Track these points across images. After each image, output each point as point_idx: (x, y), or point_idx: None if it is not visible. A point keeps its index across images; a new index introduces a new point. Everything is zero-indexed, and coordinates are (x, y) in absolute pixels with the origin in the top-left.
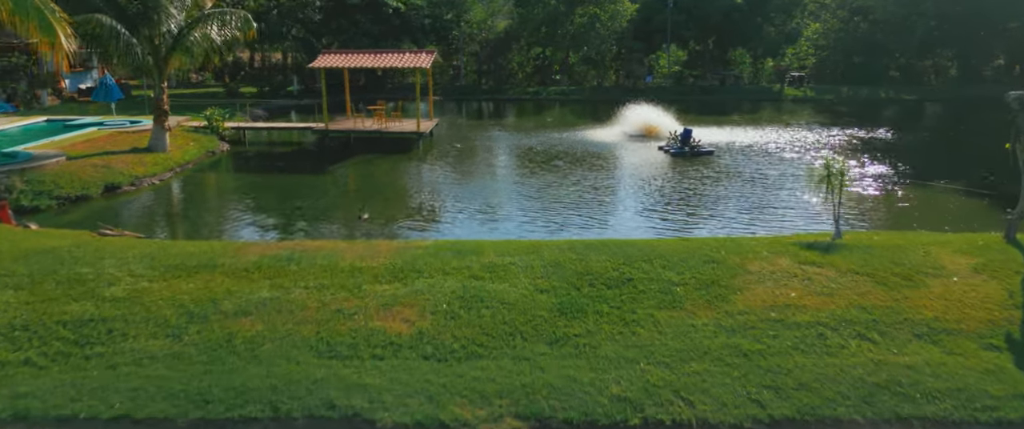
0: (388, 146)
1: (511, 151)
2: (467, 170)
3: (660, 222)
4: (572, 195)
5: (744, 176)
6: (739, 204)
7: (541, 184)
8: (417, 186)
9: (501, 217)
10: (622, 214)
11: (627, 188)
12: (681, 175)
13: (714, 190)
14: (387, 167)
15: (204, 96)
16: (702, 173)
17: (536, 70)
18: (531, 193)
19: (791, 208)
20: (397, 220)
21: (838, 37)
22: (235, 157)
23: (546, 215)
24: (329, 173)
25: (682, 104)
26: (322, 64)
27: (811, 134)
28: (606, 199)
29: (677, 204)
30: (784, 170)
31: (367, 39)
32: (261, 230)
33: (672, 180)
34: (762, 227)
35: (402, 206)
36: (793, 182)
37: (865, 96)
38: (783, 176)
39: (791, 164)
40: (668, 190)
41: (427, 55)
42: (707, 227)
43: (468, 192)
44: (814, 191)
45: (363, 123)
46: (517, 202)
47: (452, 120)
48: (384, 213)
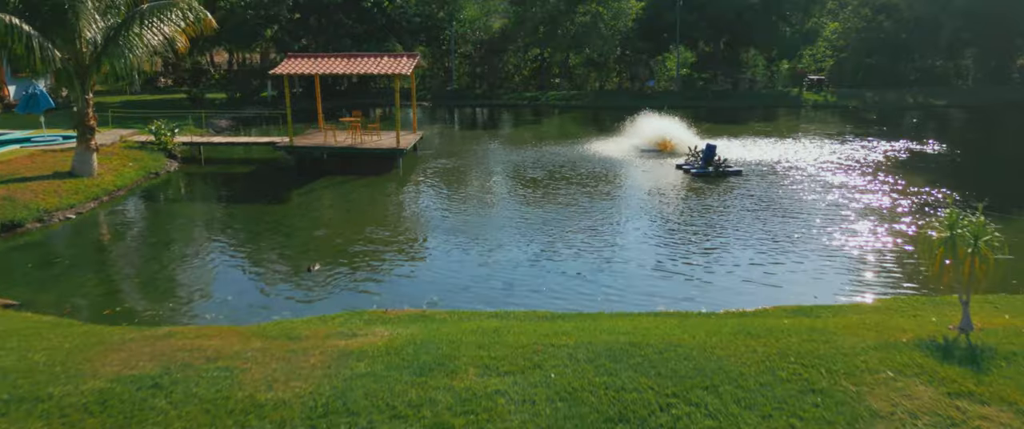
0: (364, 165)
1: (507, 171)
2: (453, 197)
3: (694, 275)
4: (579, 230)
5: (786, 206)
6: (792, 249)
7: (541, 216)
8: (390, 220)
9: (491, 264)
10: (643, 258)
11: (645, 220)
12: (708, 203)
13: (754, 226)
14: (359, 193)
15: (164, 105)
16: (733, 200)
17: (534, 73)
18: (529, 229)
19: (862, 258)
20: (358, 269)
21: (860, 37)
22: (182, 180)
23: (548, 261)
24: (287, 201)
25: (692, 110)
26: (285, 71)
27: (848, 148)
28: (620, 237)
29: (712, 247)
30: (835, 199)
31: (349, 39)
32: (174, 296)
33: (698, 210)
34: (832, 286)
35: (368, 249)
36: (852, 217)
37: (892, 101)
38: (837, 208)
39: (842, 191)
40: (697, 224)
41: (408, 59)
42: (759, 286)
43: (452, 228)
44: (926, 258)
45: (335, 137)
46: (512, 242)
47: (441, 130)
48: (343, 259)
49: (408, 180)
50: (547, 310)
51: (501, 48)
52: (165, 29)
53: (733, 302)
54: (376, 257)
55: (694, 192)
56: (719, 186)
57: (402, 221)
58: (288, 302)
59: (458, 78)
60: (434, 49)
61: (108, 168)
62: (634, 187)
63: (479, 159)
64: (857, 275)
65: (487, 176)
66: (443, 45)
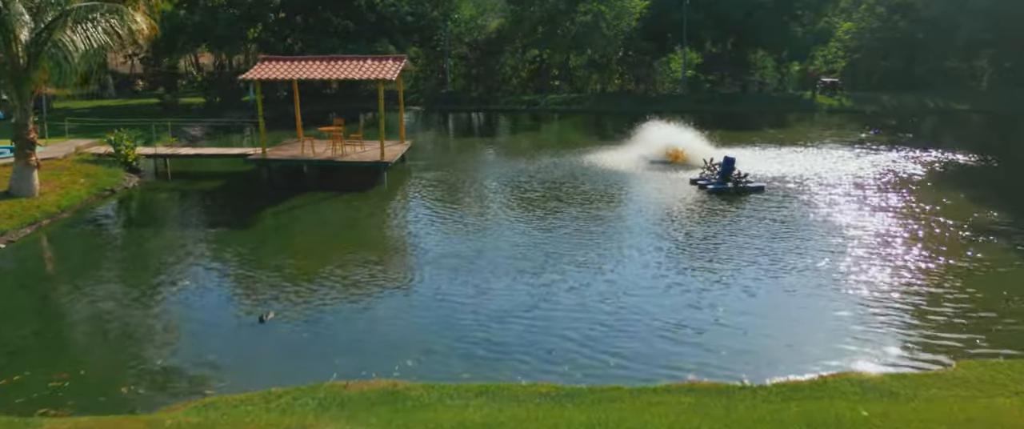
0: (345, 180)
1: (502, 187)
2: (441, 220)
3: (725, 327)
4: (583, 265)
5: (822, 235)
6: (836, 291)
7: (540, 247)
8: (368, 248)
9: (482, 312)
10: (660, 302)
11: (660, 253)
12: (731, 229)
13: (787, 259)
14: (337, 213)
15: (138, 111)
16: (759, 226)
17: (533, 75)
18: (526, 263)
19: (923, 305)
20: (323, 314)
21: (874, 37)
22: (140, 198)
23: (549, 308)
24: (255, 224)
25: (699, 115)
26: (257, 76)
27: (875, 158)
28: (632, 275)
29: (744, 289)
30: (877, 225)
31: (337, 39)
32: (86, 360)
33: (721, 238)
34: (893, 341)
35: (338, 288)
36: (900, 248)
37: (910, 105)
38: (881, 236)
39: (882, 214)
40: (722, 259)
41: (394, 63)
42: (806, 341)
43: (437, 261)
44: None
45: (314, 149)
46: (507, 282)
47: (433, 138)
48: (309, 300)
49: (393, 196)
50: (550, 384)
51: (498, 49)
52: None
53: (778, 364)
54: (347, 297)
55: (713, 214)
56: (740, 206)
57: (381, 251)
58: (229, 369)
59: (453, 80)
60: (428, 50)
61: (54, 186)
62: (645, 208)
63: (472, 172)
64: (922, 328)
65: (480, 193)
66: (437, 46)
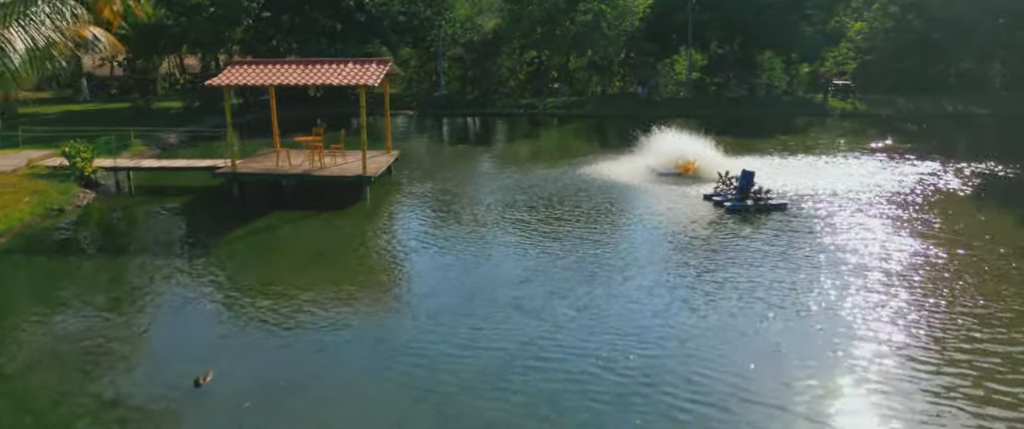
0: (324, 196)
1: (498, 205)
2: (428, 247)
3: (760, 399)
4: (587, 307)
5: (861, 267)
6: (888, 343)
7: (538, 280)
8: (338, 281)
9: (465, 378)
10: (682, 357)
11: (678, 290)
12: (756, 258)
13: (826, 298)
14: (310, 237)
15: (111, 116)
16: (787, 251)
17: (531, 77)
18: (522, 301)
19: (994, 368)
20: (271, 375)
21: (888, 37)
22: (92, 219)
23: (548, 371)
24: (217, 250)
25: (704, 119)
26: (224, 82)
27: (907, 169)
28: (643, 319)
29: (779, 339)
30: (922, 254)
31: (324, 39)
32: None
33: (745, 268)
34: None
35: (296, 337)
36: (955, 287)
37: (929, 110)
38: (929, 270)
39: (926, 241)
40: (748, 299)
41: (377, 66)
42: (863, 412)
43: (417, 302)
44: None
45: (290, 161)
46: (499, 328)
47: (425, 145)
48: (261, 354)
49: (377, 215)
50: None
51: (494, 50)
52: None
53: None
54: (304, 355)
55: (734, 238)
56: (763, 227)
57: (353, 289)
58: None
59: (447, 83)
60: (421, 51)
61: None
62: (656, 230)
63: (465, 186)
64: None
65: (474, 213)
66: (431, 46)
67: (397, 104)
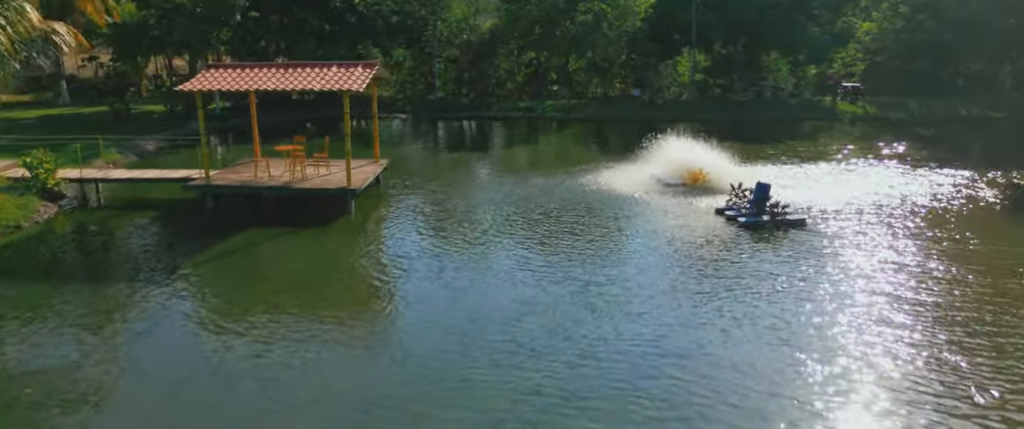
0: (305, 210)
1: (494, 221)
2: (415, 271)
3: None
4: (597, 356)
5: (895, 297)
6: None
7: (541, 320)
8: (312, 313)
9: None
10: (708, 414)
11: (692, 332)
12: (780, 282)
13: (863, 334)
14: (285, 258)
15: (90, 121)
16: (812, 275)
17: (529, 79)
18: (518, 340)
19: None
20: None
21: (898, 38)
22: (50, 237)
23: None
24: (183, 274)
25: (707, 123)
26: (197, 87)
27: (933, 179)
28: (655, 365)
29: (809, 391)
30: (962, 283)
31: (314, 41)
32: None
33: (766, 296)
34: None
35: (258, 387)
36: (1006, 321)
37: (941, 113)
38: (973, 304)
39: (963, 266)
40: (775, 342)
41: (363, 70)
42: None
43: (401, 343)
44: None
45: (269, 171)
46: (491, 377)
47: (419, 152)
48: (215, 407)
49: (362, 232)
50: None
51: (491, 51)
52: None
53: None
54: (265, 404)
55: (752, 261)
56: (782, 248)
57: (331, 321)
58: None
59: (442, 85)
60: (416, 52)
61: None
62: (666, 251)
63: (459, 198)
64: None
65: (467, 229)
66: (425, 47)
67: (391, 107)
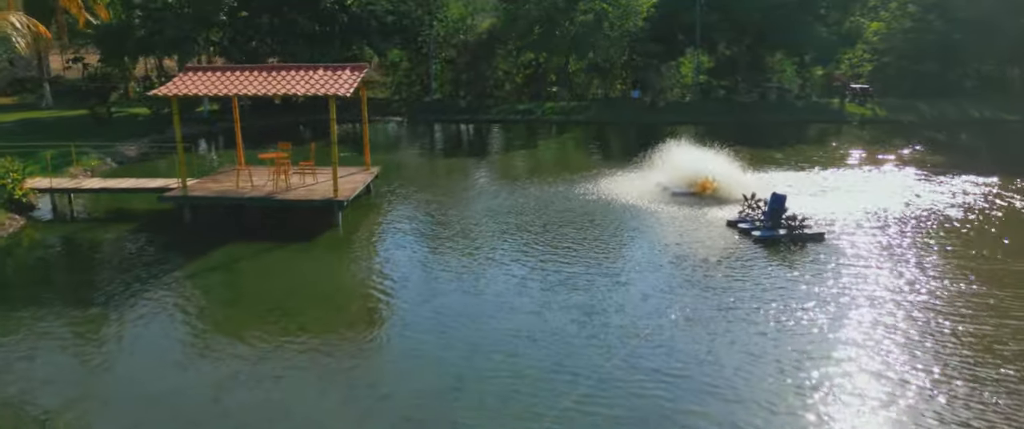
0: (290, 223)
1: (491, 235)
2: (406, 292)
3: None
4: (603, 397)
5: (942, 319)
6: None
7: (541, 351)
8: (296, 342)
9: None
10: None
11: (710, 362)
12: (802, 307)
13: (902, 368)
14: (270, 276)
15: (71, 125)
16: (843, 299)
17: (528, 81)
18: (519, 393)
19: None
20: None
21: (906, 38)
22: (15, 251)
23: None
24: (153, 295)
25: (710, 126)
26: (172, 91)
27: (953, 188)
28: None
29: None
30: (1003, 313)
31: (302, 41)
32: None
33: (789, 328)
34: None
35: None
36: None
37: (953, 116)
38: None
39: (1004, 286)
40: (799, 366)
41: (351, 74)
42: None
43: (387, 385)
44: None
45: (252, 181)
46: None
47: (414, 157)
48: None
49: (348, 248)
50: None
51: (489, 52)
52: None
53: None
54: None
55: (769, 279)
56: (801, 265)
57: (311, 352)
58: None
59: (439, 87)
60: (411, 53)
61: None
62: (676, 270)
63: (454, 209)
64: None
65: (462, 245)
66: (422, 48)
67: (386, 110)
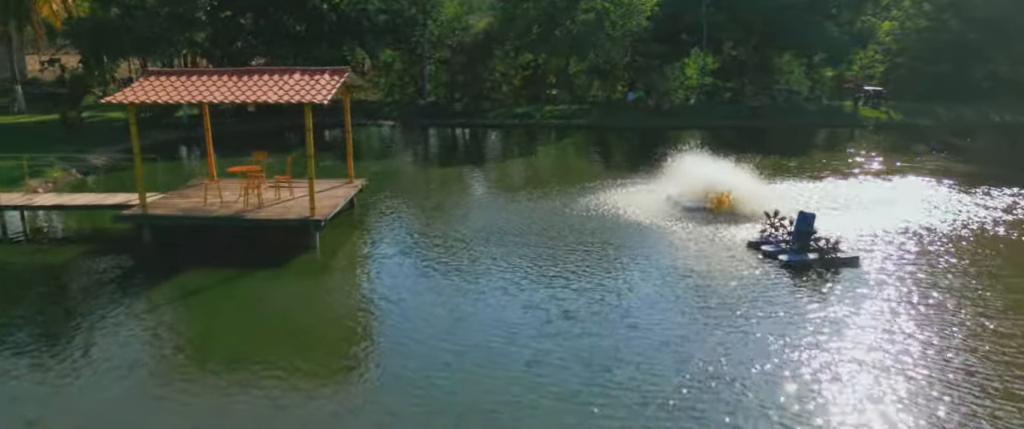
0: (262, 245)
1: (485, 258)
2: (389, 330)
3: None
4: None
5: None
6: None
7: (541, 413)
8: (260, 398)
9: None
10: None
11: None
12: (844, 350)
13: None
14: (236, 309)
15: (38, 132)
16: (889, 339)
17: (526, 83)
18: None
19: None
20: None
21: (921, 38)
22: None
23: None
24: (99, 335)
25: (716, 131)
26: (129, 98)
27: (992, 197)
28: None
29: None
30: None
31: (288, 42)
32: None
33: (841, 381)
34: None
35: None
36: None
37: (971, 119)
38: None
39: None
40: None
41: (330, 78)
42: None
43: None
44: None
45: (221, 196)
46: None
47: (405, 165)
48: None
49: (325, 274)
50: None
51: (486, 53)
52: None
53: None
54: None
55: (803, 316)
56: (838, 295)
57: (275, 401)
58: None
59: (434, 89)
60: (405, 54)
61: None
62: (694, 304)
63: (445, 226)
64: None
65: (453, 273)
66: (415, 49)
67: (378, 114)
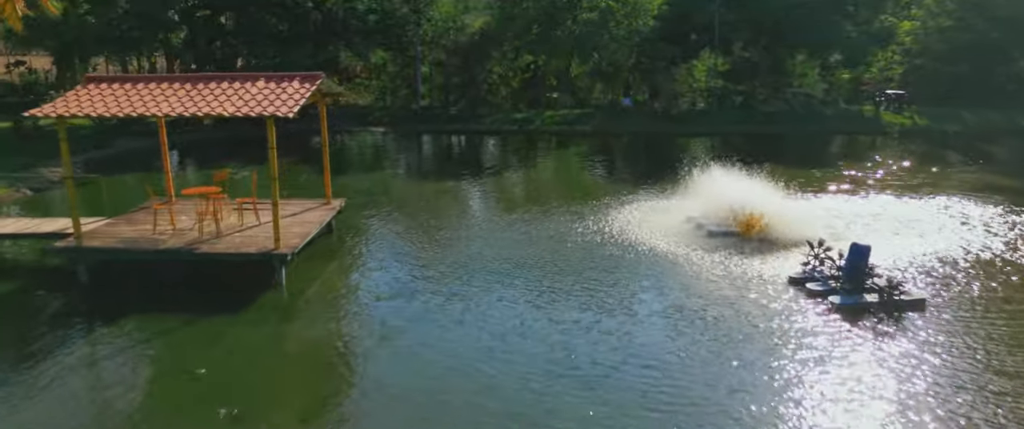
0: (223, 278)
1: (479, 296)
2: (356, 403)
3: None
4: None
5: None
6: None
7: None
8: None
9: None
10: None
11: None
12: None
13: None
14: (178, 372)
15: None
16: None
17: (525, 85)
18: None
19: None
20: None
21: (943, 38)
22: None
23: None
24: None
25: (727, 136)
26: (59, 111)
27: None
28: None
29: None
30: None
31: (270, 43)
32: None
33: None
34: None
35: None
36: None
37: (1000, 125)
38: None
39: None
40: None
41: (300, 85)
42: None
43: None
44: None
45: (173, 223)
46: None
47: (394, 177)
48: None
49: (288, 321)
50: None
51: (483, 54)
52: None
53: None
54: None
55: (871, 386)
56: (911, 353)
57: None
58: None
59: (428, 93)
60: (397, 56)
61: None
62: (726, 368)
63: (435, 254)
64: None
65: (441, 316)
66: (408, 50)
67: (368, 120)
